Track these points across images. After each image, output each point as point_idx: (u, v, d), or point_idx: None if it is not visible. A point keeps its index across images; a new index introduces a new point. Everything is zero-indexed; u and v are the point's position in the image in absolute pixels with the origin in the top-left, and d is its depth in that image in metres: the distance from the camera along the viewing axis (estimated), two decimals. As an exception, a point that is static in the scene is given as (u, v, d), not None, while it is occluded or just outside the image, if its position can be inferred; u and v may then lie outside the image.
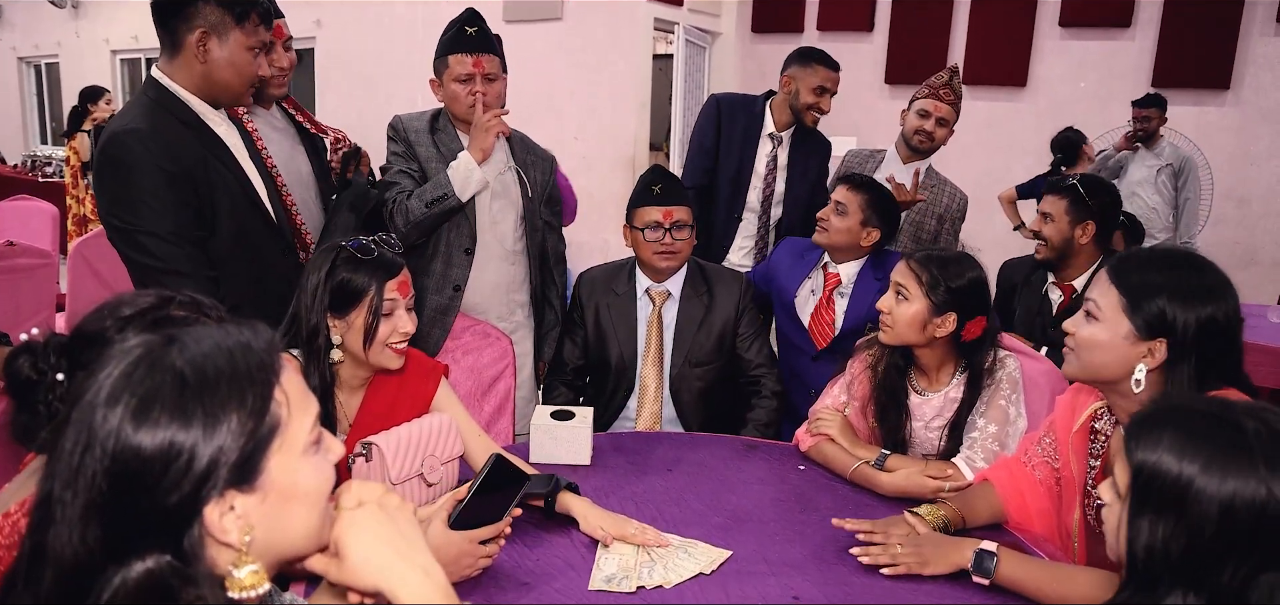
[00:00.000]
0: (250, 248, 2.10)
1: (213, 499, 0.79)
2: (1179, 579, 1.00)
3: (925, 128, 3.25)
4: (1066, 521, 1.74)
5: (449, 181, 2.38)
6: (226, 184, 2.04)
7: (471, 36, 2.44)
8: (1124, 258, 1.58)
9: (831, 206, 2.65)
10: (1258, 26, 5.71)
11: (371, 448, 1.71)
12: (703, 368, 2.56)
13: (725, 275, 2.65)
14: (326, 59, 8.28)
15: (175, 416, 0.77)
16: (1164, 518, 1.01)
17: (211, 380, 0.79)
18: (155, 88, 2.02)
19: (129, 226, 1.92)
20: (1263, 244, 5.88)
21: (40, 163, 9.54)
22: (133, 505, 0.76)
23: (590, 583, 1.52)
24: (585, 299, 2.63)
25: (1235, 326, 1.46)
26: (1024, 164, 6.42)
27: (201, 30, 1.97)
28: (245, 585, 0.82)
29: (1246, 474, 0.99)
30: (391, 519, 0.93)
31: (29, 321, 3.74)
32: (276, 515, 0.85)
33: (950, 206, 3.30)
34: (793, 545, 1.68)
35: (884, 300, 2.06)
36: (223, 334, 0.83)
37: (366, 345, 1.73)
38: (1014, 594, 1.50)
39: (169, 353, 0.80)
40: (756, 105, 3.40)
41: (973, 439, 1.95)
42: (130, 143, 1.91)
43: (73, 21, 10.78)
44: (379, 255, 1.74)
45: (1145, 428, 1.07)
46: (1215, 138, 5.78)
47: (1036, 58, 6.33)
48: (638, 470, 2.02)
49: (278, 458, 0.84)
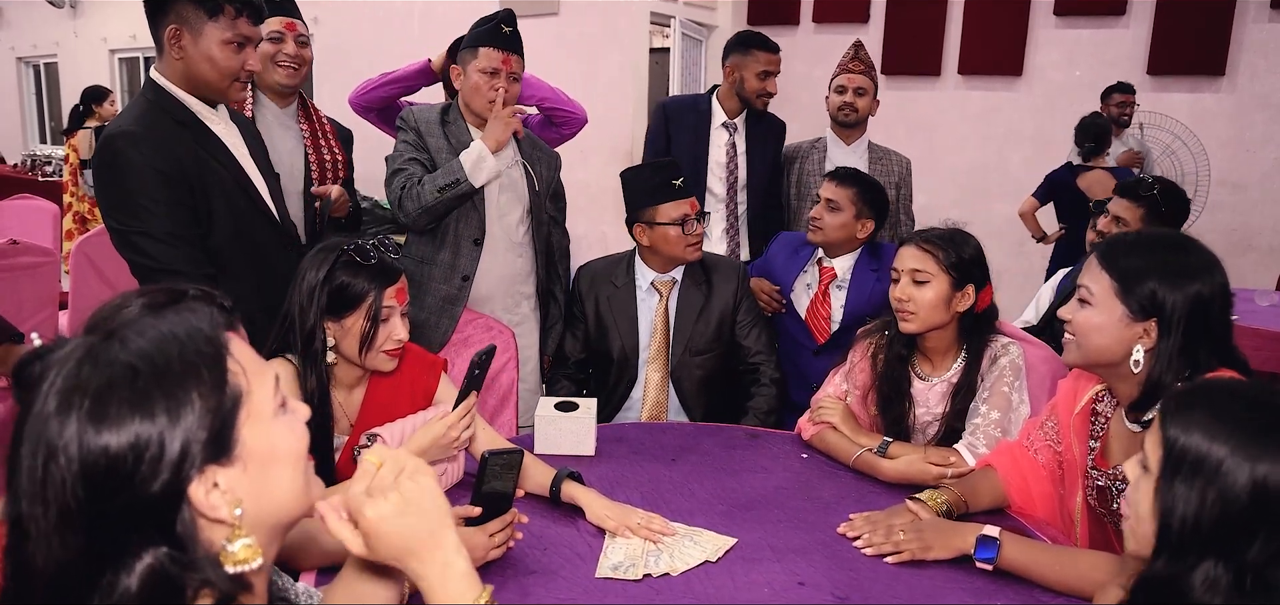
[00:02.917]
0: (249, 244, 2.11)
1: (194, 478, 0.79)
2: (1209, 551, 1.02)
3: (846, 100, 3.33)
4: (1068, 505, 1.76)
5: (461, 167, 2.41)
6: (222, 182, 2.05)
7: (507, 35, 2.49)
8: (1113, 242, 1.61)
9: (822, 204, 2.65)
10: (1252, 12, 5.72)
11: (377, 438, 1.73)
12: (702, 356, 2.58)
13: (722, 264, 2.67)
14: (324, 53, 8.26)
15: (135, 408, 0.76)
16: (1196, 490, 1.03)
17: (162, 366, 0.79)
18: (153, 88, 2.04)
19: (127, 228, 1.95)
20: (1259, 229, 5.90)
21: (40, 162, 9.52)
22: (114, 505, 0.75)
23: (597, 571, 1.53)
24: (585, 292, 2.65)
25: (1224, 304, 1.50)
26: (1021, 153, 6.44)
27: (174, 27, 1.97)
28: (239, 558, 0.82)
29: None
30: (411, 509, 0.92)
31: (32, 319, 3.75)
32: (261, 482, 0.85)
33: (899, 172, 3.37)
34: (797, 532, 1.70)
35: (901, 290, 2.04)
36: (163, 321, 0.82)
37: (363, 351, 1.73)
38: (1017, 578, 1.51)
39: (111, 348, 0.79)
40: (701, 102, 3.48)
41: (975, 425, 1.96)
42: (124, 146, 1.93)
43: (71, 21, 10.77)
44: (379, 261, 1.74)
45: (1182, 406, 1.09)
46: (1211, 124, 5.80)
47: (1031, 47, 6.34)
48: (641, 460, 2.04)
49: (248, 426, 0.84)
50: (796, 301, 2.75)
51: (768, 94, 3.38)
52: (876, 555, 1.59)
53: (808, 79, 7.02)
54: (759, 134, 3.46)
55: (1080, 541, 1.72)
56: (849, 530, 1.68)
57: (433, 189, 2.41)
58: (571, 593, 1.47)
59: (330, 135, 2.68)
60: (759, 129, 3.46)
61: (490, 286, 2.62)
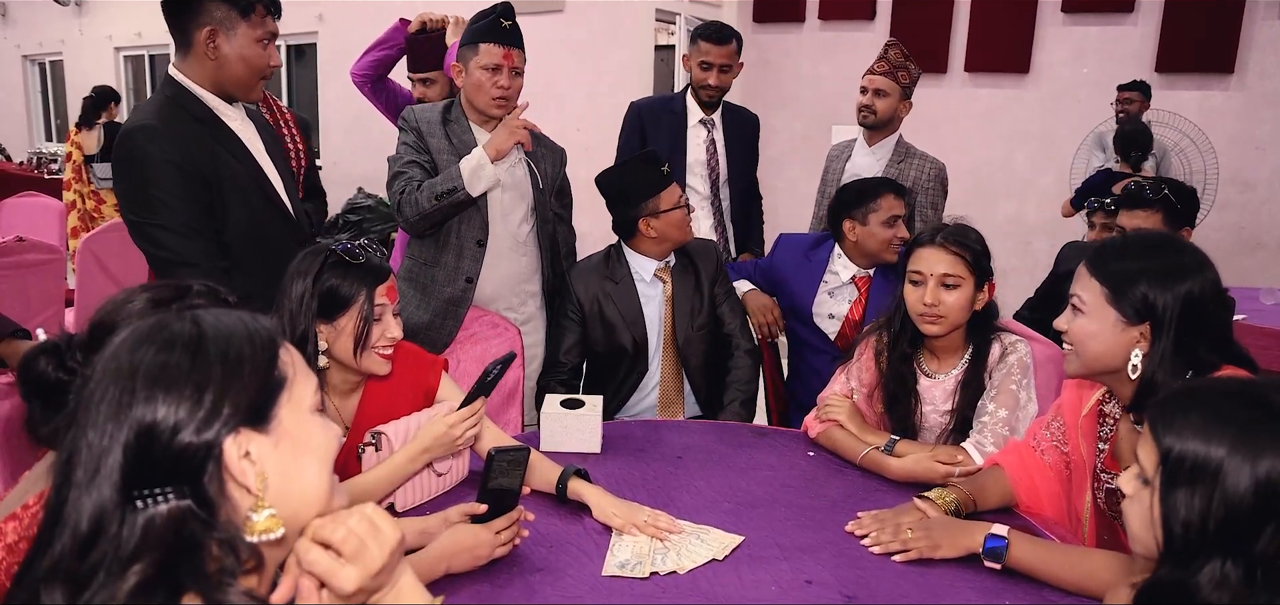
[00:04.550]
0: (263, 239, 2.13)
1: (229, 436, 0.84)
2: (1215, 551, 1.01)
3: (864, 103, 3.29)
4: (1076, 505, 1.75)
5: (459, 175, 2.38)
6: (238, 177, 2.08)
7: (506, 30, 2.47)
8: (1102, 249, 1.62)
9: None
10: (1261, 10, 5.69)
11: (381, 437, 1.72)
12: (703, 330, 2.65)
13: (696, 245, 2.72)
14: (328, 54, 8.29)
15: (196, 367, 0.83)
16: (1199, 495, 1.02)
17: (223, 337, 0.86)
18: (171, 85, 2.07)
19: (143, 221, 1.99)
20: (1268, 228, 5.87)
21: (46, 160, 9.55)
22: (152, 453, 0.81)
23: (604, 569, 1.53)
24: (582, 293, 2.62)
25: (1218, 300, 1.49)
26: (1027, 151, 6.42)
27: (210, 28, 2.02)
28: (261, 528, 0.86)
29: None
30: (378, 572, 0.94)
31: (39, 316, 3.75)
32: (290, 464, 0.89)
33: (920, 179, 3.27)
34: (804, 530, 1.69)
35: (929, 295, 1.99)
36: (231, 312, 0.90)
37: (357, 352, 1.72)
38: (1026, 577, 1.51)
39: (183, 321, 0.86)
40: (675, 102, 3.47)
41: (982, 423, 1.96)
42: (142, 140, 1.97)
43: (76, 19, 10.80)
44: (367, 261, 1.73)
45: (1172, 411, 1.08)
46: (1219, 122, 5.77)
47: (1039, 45, 6.32)
48: (647, 458, 2.03)
49: (288, 408, 0.90)
50: (819, 309, 2.73)
51: (709, 86, 3.33)
52: (884, 554, 1.59)
53: (813, 76, 7.01)
54: (735, 129, 3.46)
55: (1088, 541, 1.71)
56: (857, 529, 1.67)
57: (430, 196, 2.39)
58: (578, 591, 1.47)
59: (292, 124, 2.70)
60: (734, 122, 3.47)
61: (495, 287, 2.60)
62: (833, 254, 2.72)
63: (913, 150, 3.33)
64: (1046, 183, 6.33)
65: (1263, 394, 1.05)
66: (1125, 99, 5.41)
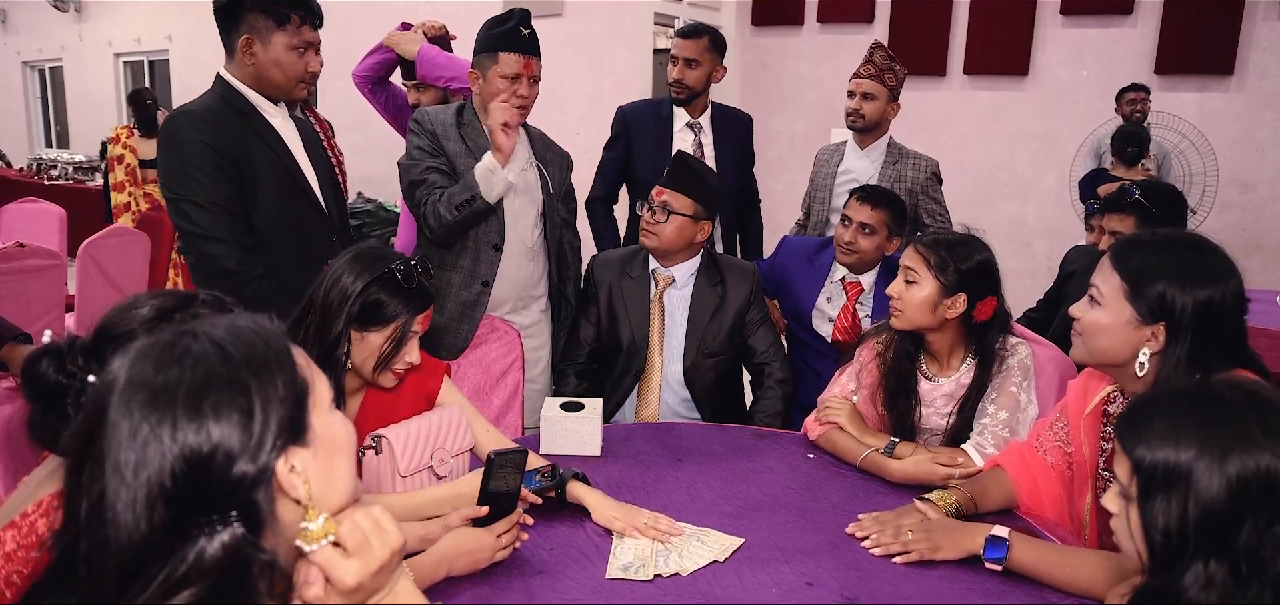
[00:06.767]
0: (293, 226, 2.29)
1: (280, 457, 0.84)
2: (1198, 553, 1.01)
3: (852, 106, 3.28)
4: (1078, 506, 1.74)
5: (475, 183, 2.37)
6: (271, 165, 2.24)
7: (525, 38, 2.45)
8: (1127, 242, 1.58)
9: (856, 228, 2.63)
10: (1261, 11, 5.70)
11: (381, 441, 1.72)
12: (716, 359, 2.57)
13: (737, 265, 2.65)
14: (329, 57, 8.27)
15: (235, 392, 0.81)
16: (1175, 502, 1.02)
17: (249, 352, 0.84)
18: (221, 83, 2.27)
19: (177, 196, 2.15)
20: (1268, 229, 5.88)
21: (45, 166, 9.54)
22: (206, 483, 0.79)
23: (607, 572, 1.53)
24: (598, 280, 2.63)
25: (1237, 308, 1.47)
26: (1027, 153, 6.42)
27: (247, 36, 2.20)
28: (318, 535, 0.88)
29: (1247, 448, 1.00)
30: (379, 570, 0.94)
31: (39, 321, 3.76)
32: (328, 467, 0.90)
33: (917, 178, 3.26)
34: (805, 532, 1.69)
35: (893, 285, 2.06)
36: (235, 319, 0.87)
37: (376, 369, 1.71)
38: (1027, 579, 1.50)
39: (198, 339, 0.83)
40: (662, 107, 3.42)
41: (983, 425, 1.95)
42: (184, 122, 2.16)
43: (76, 24, 10.81)
44: (418, 286, 1.71)
45: (1136, 422, 1.09)
46: (1219, 124, 5.77)
47: (1038, 47, 6.32)
48: (647, 461, 2.03)
49: (315, 413, 0.90)
50: (819, 314, 2.74)
51: (677, 82, 3.29)
52: (885, 555, 1.58)
53: (812, 78, 7.02)
54: (725, 130, 3.41)
55: (1089, 542, 1.71)
56: (857, 530, 1.67)
57: (451, 208, 2.38)
58: (579, 593, 1.47)
59: (325, 135, 2.71)
60: (724, 125, 3.42)
61: (505, 291, 2.60)
62: (834, 260, 2.73)
63: (905, 151, 3.33)
64: (1047, 184, 6.34)
65: (1218, 393, 1.06)
66: (1139, 99, 5.39)
